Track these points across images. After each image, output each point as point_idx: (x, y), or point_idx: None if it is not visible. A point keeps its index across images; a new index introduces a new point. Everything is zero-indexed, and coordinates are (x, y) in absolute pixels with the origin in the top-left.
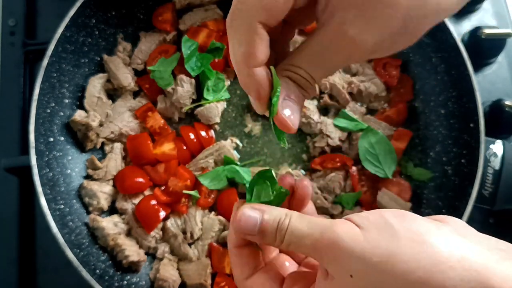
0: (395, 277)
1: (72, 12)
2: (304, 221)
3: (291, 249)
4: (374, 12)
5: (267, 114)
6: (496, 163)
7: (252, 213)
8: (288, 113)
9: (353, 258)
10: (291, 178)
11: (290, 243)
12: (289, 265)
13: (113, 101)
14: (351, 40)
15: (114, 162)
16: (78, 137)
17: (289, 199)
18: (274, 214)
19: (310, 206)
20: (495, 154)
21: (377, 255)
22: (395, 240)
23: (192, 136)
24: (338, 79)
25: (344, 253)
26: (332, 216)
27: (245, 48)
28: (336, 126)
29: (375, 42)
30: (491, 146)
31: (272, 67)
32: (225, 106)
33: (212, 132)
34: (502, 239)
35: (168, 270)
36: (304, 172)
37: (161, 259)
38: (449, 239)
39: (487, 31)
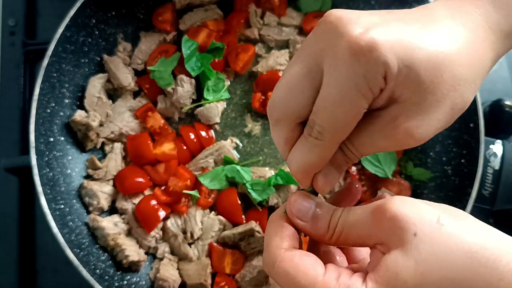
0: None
1: (72, 12)
2: (356, 209)
3: (341, 239)
4: (428, 108)
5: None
6: (496, 163)
7: (306, 200)
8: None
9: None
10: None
11: (343, 228)
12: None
13: (113, 101)
14: (404, 132)
15: (114, 162)
16: (78, 137)
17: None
18: (327, 204)
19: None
20: (495, 154)
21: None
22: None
23: (192, 136)
24: None
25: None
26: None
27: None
28: None
29: (427, 134)
30: (491, 146)
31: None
32: (225, 106)
33: (212, 132)
34: None
35: (168, 270)
36: None
37: (161, 259)
38: None
39: None
